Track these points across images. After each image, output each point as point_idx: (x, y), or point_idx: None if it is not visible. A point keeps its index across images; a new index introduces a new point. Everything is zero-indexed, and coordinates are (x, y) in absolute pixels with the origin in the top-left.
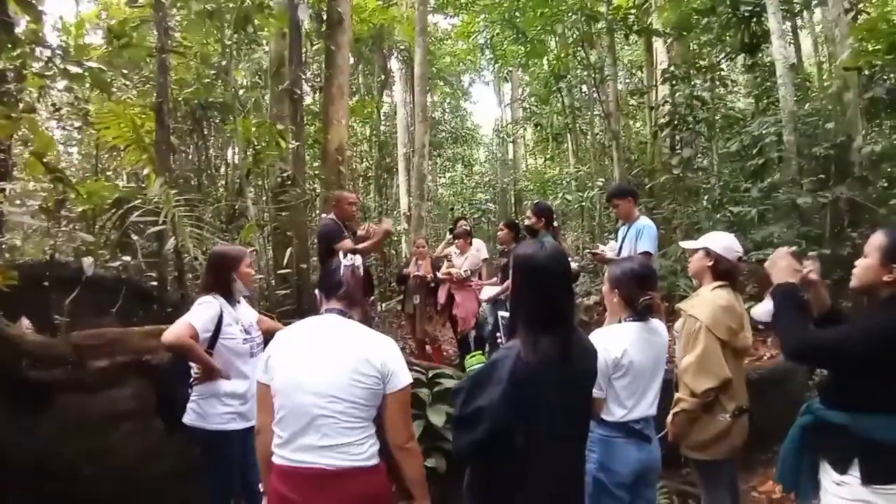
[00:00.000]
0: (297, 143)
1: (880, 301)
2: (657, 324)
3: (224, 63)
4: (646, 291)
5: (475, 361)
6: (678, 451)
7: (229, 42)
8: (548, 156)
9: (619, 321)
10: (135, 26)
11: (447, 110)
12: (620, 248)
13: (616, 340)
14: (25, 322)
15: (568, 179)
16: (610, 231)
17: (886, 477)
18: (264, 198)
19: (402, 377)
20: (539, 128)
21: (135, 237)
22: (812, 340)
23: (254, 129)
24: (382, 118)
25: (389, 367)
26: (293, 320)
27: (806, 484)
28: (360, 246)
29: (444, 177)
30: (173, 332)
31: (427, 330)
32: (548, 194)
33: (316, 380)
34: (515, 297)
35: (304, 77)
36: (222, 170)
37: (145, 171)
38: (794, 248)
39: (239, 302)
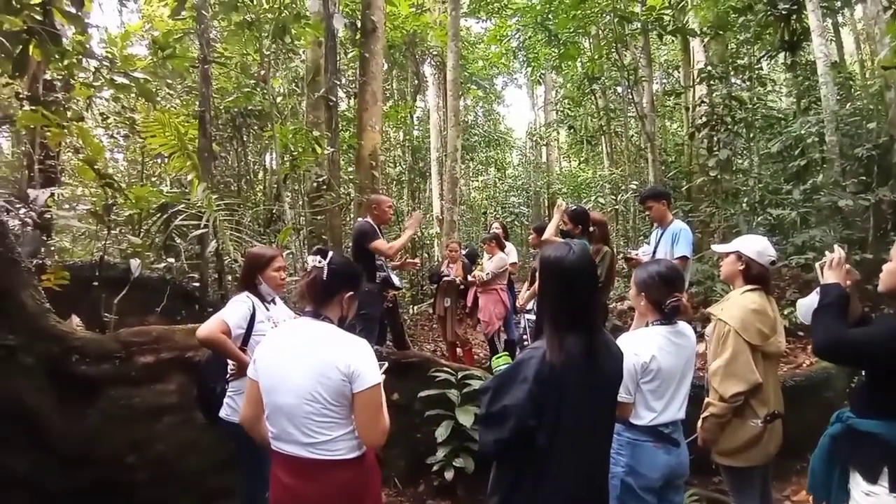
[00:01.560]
0: (333, 149)
1: None
2: (685, 326)
3: (262, 72)
4: (672, 294)
5: (502, 362)
6: (709, 457)
7: (267, 52)
8: (581, 158)
9: (647, 325)
10: (178, 38)
11: (480, 114)
12: (655, 251)
13: (644, 345)
14: (76, 319)
15: (601, 182)
16: (645, 234)
17: None
18: (301, 202)
19: (369, 377)
20: (572, 130)
21: (178, 240)
22: (841, 338)
23: (291, 135)
24: (416, 123)
25: (354, 368)
26: None
27: (837, 494)
28: (394, 244)
29: (477, 180)
30: (207, 327)
31: (458, 332)
32: (581, 197)
33: (290, 382)
34: (542, 299)
35: (339, 84)
36: (260, 175)
37: (189, 177)
38: (841, 250)
39: (274, 302)
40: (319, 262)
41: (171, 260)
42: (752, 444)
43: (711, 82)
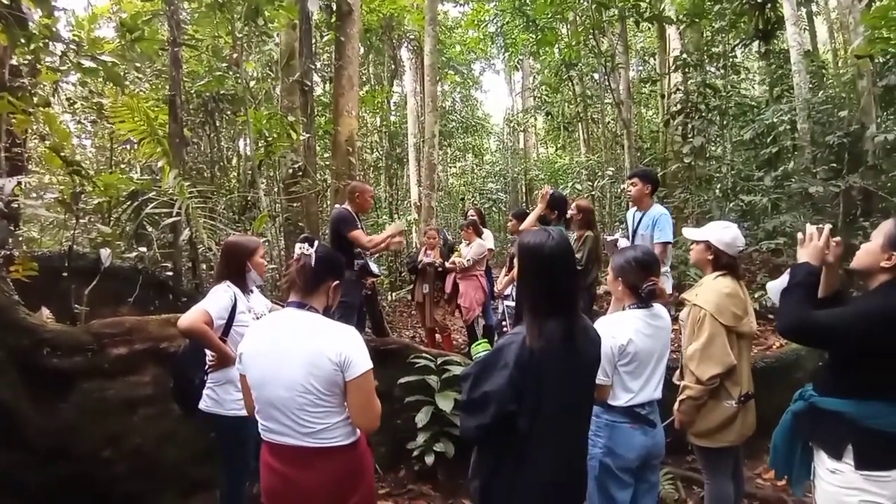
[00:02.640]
0: (308, 135)
1: (875, 287)
2: (660, 309)
3: (235, 55)
4: (649, 278)
5: (481, 349)
6: (684, 438)
7: (240, 35)
8: (559, 145)
9: (624, 308)
10: (146, 20)
11: (458, 100)
12: (634, 235)
13: (621, 328)
14: (45, 311)
15: (578, 169)
16: (621, 220)
17: (880, 464)
18: (276, 189)
19: (360, 364)
20: (550, 117)
21: (150, 229)
22: (807, 319)
23: (265, 121)
24: (393, 108)
25: (345, 356)
26: None
27: (799, 470)
28: (374, 238)
29: (455, 166)
30: (189, 317)
31: (436, 319)
32: (559, 184)
33: (280, 375)
34: (521, 285)
35: (314, 68)
36: (234, 161)
37: (159, 164)
38: (829, 226)
39: (252, 291)
40: (307, 249)
41: (143, 249)
42: (727, 425)
43: (686, 70)
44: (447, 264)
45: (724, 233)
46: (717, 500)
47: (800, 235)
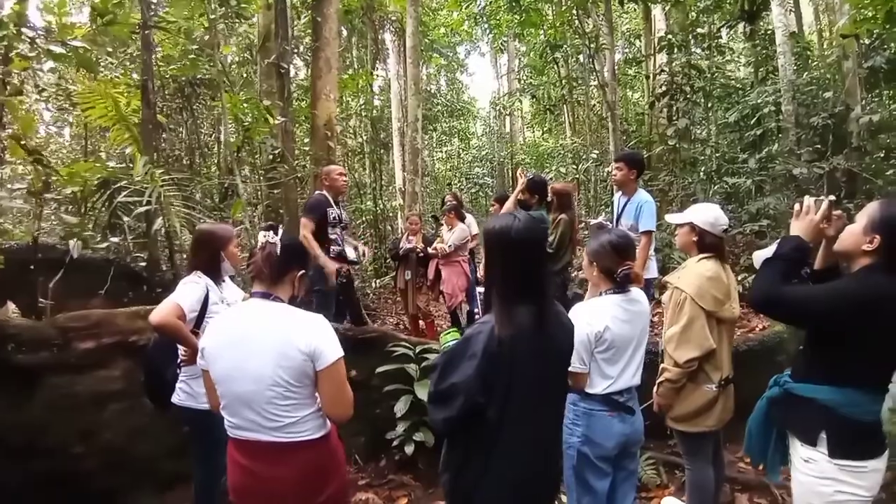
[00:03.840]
0: (285, 119)
1: (855, 270)
2: (637, 293)
3: (208, 38)
4: (624, 262)
5: (450, 338)
6: (665, 422)
7: (213, 16)
8: (545, 128)
9: (601, 294)
10: (117, 2)
11: (443, 83)
12: (618, 221)
13: (598, 314)
14: (11, 306)
15: (564, 152)
16: (606, 203)
17: (854, 453)
18: (257, 175)
19: (330, 353)
20: (536, 100)
21: (126, 218)
22: (776, 293)
23: (241, 105)
24: (378, 92)
25: (315, 346)
26: None
27: (773, 457)
28: (309, 240)
29: (441, 151)
30: (160, 312)
31: (419, 305)
32: (545, 167)
33: (248, 368)
34: (490, 271)
35: (292, 51)
36: (215, 148)
37: (127, 151)
38: (832, 198)
39: (224, 281)
40: (272, 238)
41: (115, 239)
42: (706, 409)
43: (671, 51)
44: (429, 250)
45: (706, 213)
46: (697, 486)
47: (796, 206)
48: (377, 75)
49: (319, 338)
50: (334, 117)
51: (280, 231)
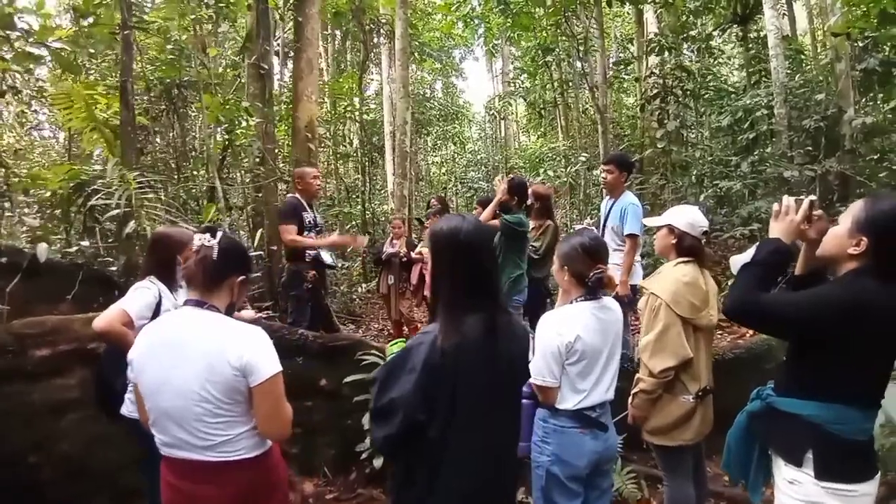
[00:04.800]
0: (265, 121)
1: (840, 275)
2: (610, 301)
3: (190, 39)
4: (596, 266)
5: (397, 348)
6: (642, 435)
7: (194, 16)
8: (539, 133)
9: (572, 302)
10: (98, 3)
11: (438, 88)
12: (604, 225)
13: (568, 323)
14: None
15: (555, 156)
16: (597, 206)
17: (843, 475)
18: (240, 179)
19: (266, 368)
20: (528, 104)
21: (105, 222)
22: (750, 300)
23: (221, 107)
24: (373, 96)
25: (247, 360)
26: (263, 304)
27: (755, 475)
28: (303, 240)
29: (436, 155)
30: (105, 318)
31: (402, 310)
32: (538, 172)
33: (174, 382)
34: (435, 277)
35: (271, 50)
36: (204, 151)
37: (97, 152)
38: (813, 197)
39: (182, 287)
40: (208, 241)
41: (85, 243)
42: (684, 422)
43: (662, 53)
44: (412, 255)
45: (684, 214)
46: (676, 503)
47: (775, 206)
48: (371, 79)
49: (253, 351)
50: (316, 119)
51: (220, 234)
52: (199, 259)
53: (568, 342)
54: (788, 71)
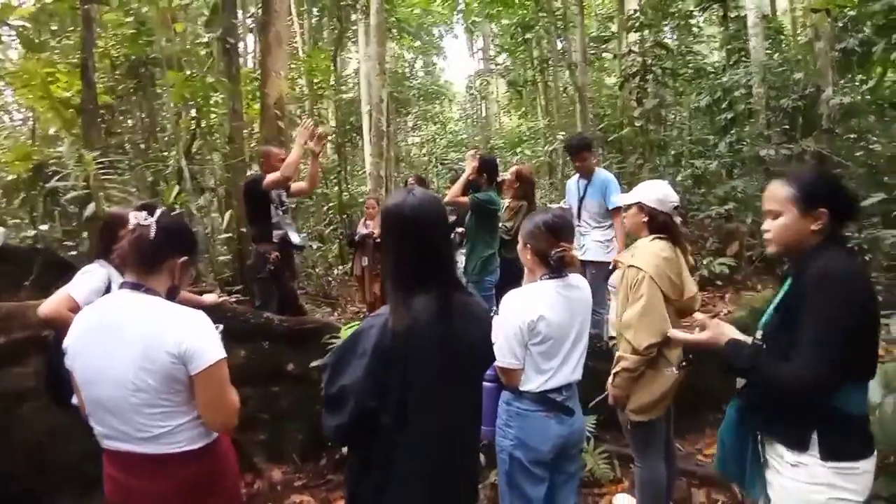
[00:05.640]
0: (232, 98)
1: (809, 256)
2: (577, 278)
3: (152, 13)
4: (559, 244)
5: (351, 331)
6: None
7: None
8: (520, 112)
9: (537, 281)
10: None
11: (419, 67)
12: (581, 204)
13: (530, 302)
14: None
15: (531, 134)
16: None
17: (848, 454)
18: (211, 158)
19: (207, 354)
20: (510, 84)
21: (68, 206)
22: (806, 375)
23: (188, 83)
24: (351, 75)
25: (187, 346)
26: (233, 288)
27: (752, 471)
28: (287, 160)
29: (416, 135)
30: (50, 304)
31: (375, 293)
32: (517, 151)
33: (108, 371)
34: (384, 256)
35: (250, 28)
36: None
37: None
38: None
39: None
40: (145, 218)
41: (45, 227)
42: (669, 395)
43: (642, 31)
44: None
45: (652, 190)
46: (649, 483)
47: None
48: (349, 58)
49: (193, 337)
50: (286, 96)
51: (159, 211)
52: (135, 238)
53: (530, 321)
54: (768, 50)
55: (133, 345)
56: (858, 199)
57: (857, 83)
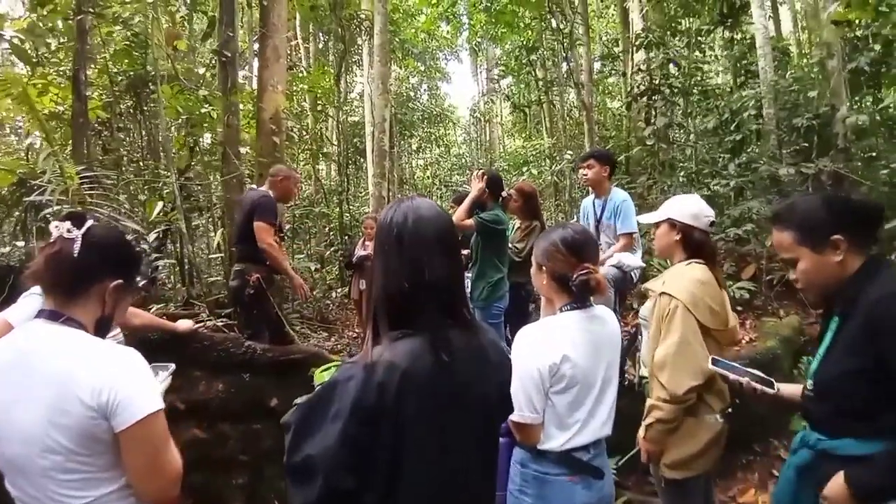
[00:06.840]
0: (228, 112)
1: (851, 287)
2: (603, 310)
3: (162, 31)
4: (581, 265)
5: (327, 375)
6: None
7: (150, 1)
8: (524, 135)
9: (557, 313)
10: None
11: (424, 90)
12: (598, 225)
13: (551, 340)
14: None
15: (536, 155)
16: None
17: None
18: (216, 176)
19: (136, 406)
20: (512, 104)
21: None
22: None
23: (180, 98)
24: (356, 98)
25: (109, 396)
26: (223, 311)
27: None
28: (276, 251)
29: (420, 158)
30: None
31: None
32: (522, 171)
33: (17, 425)
34: (373, 284)
35: (234, 37)
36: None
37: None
38: None
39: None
40: (69, 230)
41: (21, 243)
42: (712, 446)
43: (650, 49)
44: None
45: (685, 204)
46: None
47: None
48: (355, 81)
49: (118, 383)
50: (281, 111)
51: (88, 223)
52: (52, 255)
53: (552, 363)
54: (776, 70)
55: (42, 393)
56: (871, 202)
57: (867, 104)
